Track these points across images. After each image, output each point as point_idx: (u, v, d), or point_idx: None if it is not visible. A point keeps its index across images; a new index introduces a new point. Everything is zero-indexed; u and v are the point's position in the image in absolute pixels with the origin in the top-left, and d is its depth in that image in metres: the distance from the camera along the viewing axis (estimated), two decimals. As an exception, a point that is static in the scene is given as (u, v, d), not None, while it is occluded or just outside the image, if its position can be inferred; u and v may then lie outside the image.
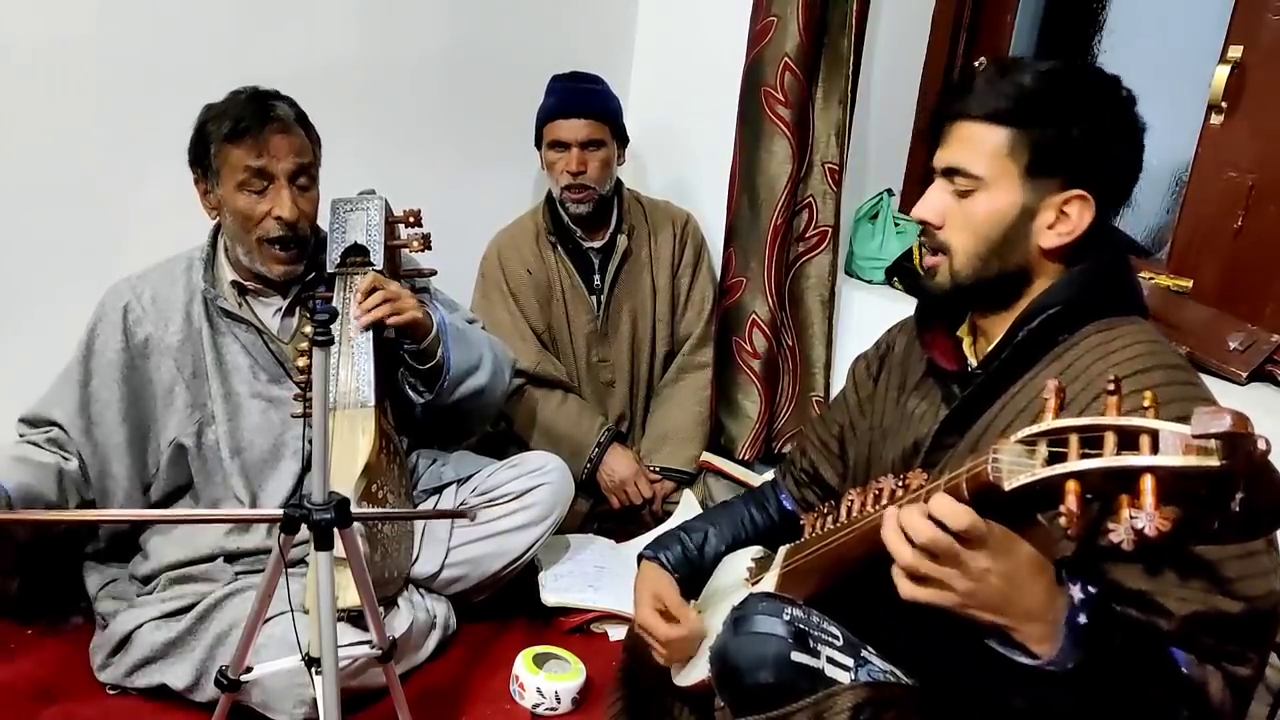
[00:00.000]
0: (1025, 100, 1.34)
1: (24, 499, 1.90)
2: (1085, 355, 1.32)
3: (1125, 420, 0.92)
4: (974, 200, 1.39)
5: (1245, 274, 2.31)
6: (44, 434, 2.07)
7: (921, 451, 1.47)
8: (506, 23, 2.92)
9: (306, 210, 2.07)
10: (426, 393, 2.18)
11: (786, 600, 1.39)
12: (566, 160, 2.65)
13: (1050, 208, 1.37)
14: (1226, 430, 0.83)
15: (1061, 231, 1.37)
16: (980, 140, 1.37)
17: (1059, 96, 1.34)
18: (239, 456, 2.13)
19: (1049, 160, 1.35)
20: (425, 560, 2.22)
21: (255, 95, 2.04)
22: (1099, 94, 1.35)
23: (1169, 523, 0.87)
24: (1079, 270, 1.39)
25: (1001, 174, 1.37)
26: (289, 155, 2.01)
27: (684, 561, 1.76)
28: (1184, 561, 1.19)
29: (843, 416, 1.75)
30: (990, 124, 1.36)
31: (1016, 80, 1.36)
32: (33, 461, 2.00)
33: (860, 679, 1.33)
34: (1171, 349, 1.34)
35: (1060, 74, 1.36)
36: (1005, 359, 1.38)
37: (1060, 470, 0.94)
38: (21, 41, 2.21)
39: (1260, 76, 2.25)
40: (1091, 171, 1.35)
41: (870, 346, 1.76)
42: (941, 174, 1.43)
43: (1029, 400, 1.35)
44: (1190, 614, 1.19)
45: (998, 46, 2.76)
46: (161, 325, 2.11)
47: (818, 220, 2.69)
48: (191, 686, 1.98)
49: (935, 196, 1.43)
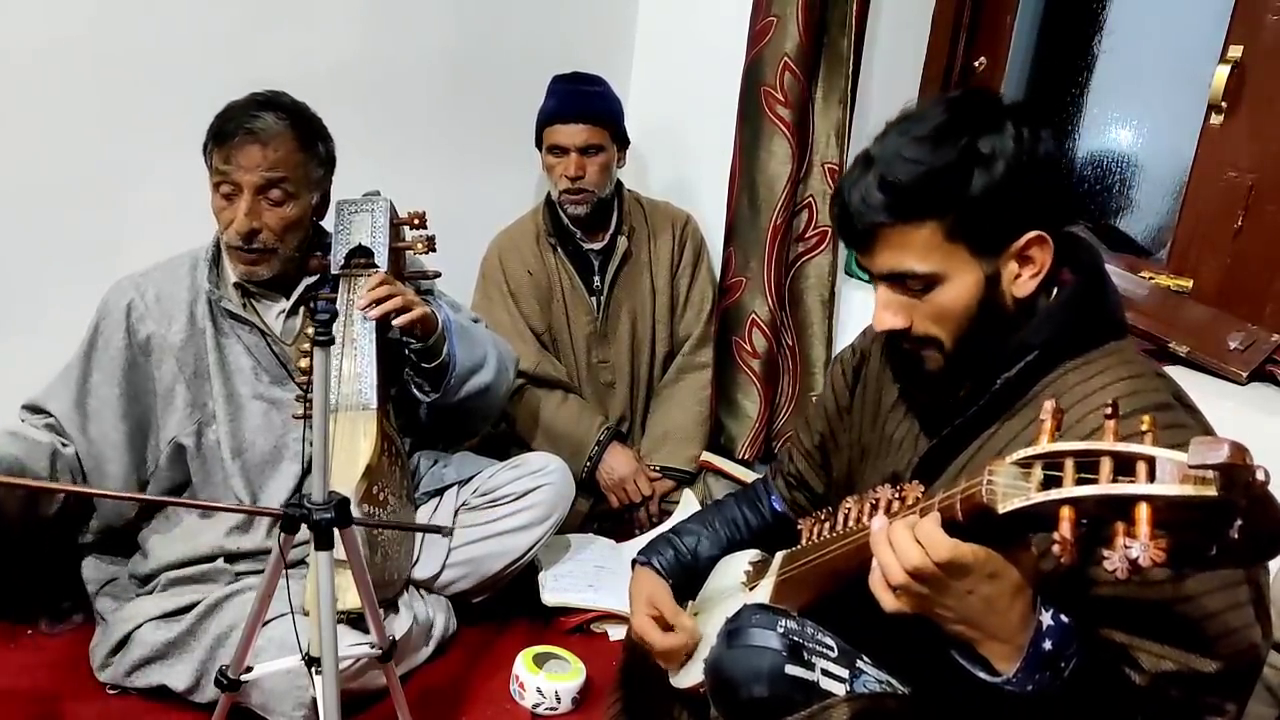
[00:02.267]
0: (933, 179, 1.25)
1: (9, 470, 1.89)
2: (1063, 396, 1.27)
3: (1123, 446, 0.91)
4: (936, 294, 1.30)
5: (1245, 274, 2.30)
6: (43, 420, 2.08)
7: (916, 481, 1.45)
8: (507, 23, 2.91)
9: (270, 223, 2.03)
10: (432, 392, 2.18)
11: (780, 612, 1.39)
12: (565, 165, 2.65)
13: (1010, 260, 1.29)
14: (1224, 461, 0.82)
15: (1031, 274, 1.30)
16: (910, 240, 1.28)
17: (964, 155, 1.24)
18: (240, 457, 2.13)
19: (991, 226, 1.27)
20: (425, 562, 2.23)
21: (254, 102, 2.02)
22: (997, 129, 1.25)
23: (1163, 552, 0.87)
24: (1055, 306, 1.33)
25: (952, 260, 1.28)
26: (257, 168, 1.98)
27: (677, 566, 1.76)
28: (1164, 617, 1.17)
29: (823, 424, 1.73)
30: (910, 222, 1.27)
31: (910, 158, 1.25)
32: (27, 438, 2.01)
33: (855, 690, 1.33)
34: (1155, 383, 1.28)
35: (951, 126, 1.26)
36: (983, 405, 1.34)
37: (1055, 496, 0.93)
38: (22, 41, 2.21)
39: (1260, 76, 2.24)
40: (1034, 211, 1.28)
41: (846, 348, 1.71)
42: (884, 280, 1.34)
43: (1007, 441, 1.31)
44: (1161, 672, 1.17)
45: (998, 46, 2.75)
46: (165, 324, 2.10)
47: (817, 220, 2.69)
48: (191, 687, 1.98)
49: (892, 303, 1.34)
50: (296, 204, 2.05)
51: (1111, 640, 1.20)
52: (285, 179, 2.02)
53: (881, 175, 1.27)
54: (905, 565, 1.10)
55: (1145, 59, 2.54)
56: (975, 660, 1.15)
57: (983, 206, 1.25)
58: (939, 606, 1.11)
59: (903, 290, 1.32)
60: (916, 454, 1.44)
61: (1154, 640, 1.18)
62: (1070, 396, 1.27)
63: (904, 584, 1.11)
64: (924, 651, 1.30)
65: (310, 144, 2.06)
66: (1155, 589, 1.16)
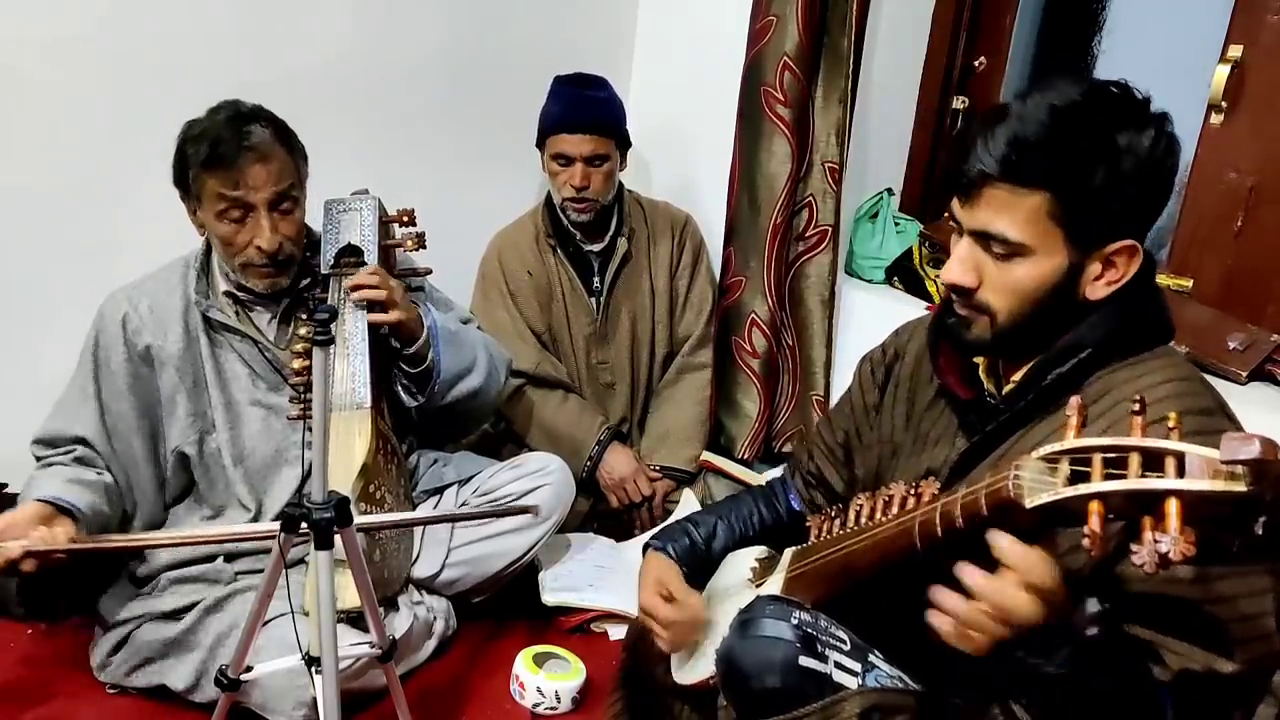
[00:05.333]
0: (1062, 153, 1.23)
1: (94, 520, 1.93)
2: (1111, 394, 1.28)
3: (1151, 441, 0.91)
4: (1015, 265, 1.29)
5: (1245, 274, 2.32)
6: (67, 453, 2.04)
7: (934, 478, 1.45)
8: (505, 22, 2.90)
9: (289, 233, 2.03)
10: (419, 395, 2.17)
11: (794, 604, 1.39)
12: (570, 174, 2.62)
13: (1097, 260, 1.29)
14: (1256, 457, 0.82)
15: (1110, 280, 1.30)
16: (1015, 205, 1.26)
17: (1099, 141, 1.22)
18: (241, 464, 2.13)
19: (1097, 220, 1.25)
20: (425, 561, 2.22)
21: (233, 118, 1.97)
22: (1137, 127, 1.23)
23: (1193, 547, 0.87)
24: (1112, 309, 1.31)
25: (1045, 238, 1.27)
26: (267, 184, 1.97)
27: (690, 555, 1.74)
28: (1193, 617, 1.17)
29: (848, 423, 1.72)
30: (1024, 187, 1.25)
31: (1047, 125, 1.23)
32: (86, 482, 1.98)
33: (867, 684, 1.33)
34: (1202, 387, 1.29)
35: (1093, 110, 1.23)
36: (1030, 400, 1.34)
37: (1084, 490, 0.93)
38: (22, 40, 2.20)
39: (1260, 76, 2.26)
40: (1138, 219, 1.28)
41: (876, 348, 1.71)
42: (972, 235, 1.32)
43: (1046, 436, 1.29)
44: (1184, 669, 1.17)
45: (998, 47, 2.77)
46: (161, 335, 2.09)
47: (818, 220, 2.69)
48: (191, 686, 1.97)
49: (967, 257, 1.33)
50: (300, 207, 2.07)
51: (1137, 636, 1.20)
52: (292, 186, 2.03)
53: (1014, 132, 1.25)
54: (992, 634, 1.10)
55: (1145, 59, 2.55)
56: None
57: (1096, 198, 1.24)
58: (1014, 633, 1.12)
59: (985, 250, 1.31)
60: (955, 451, 1.44)
61: (1179, 639, 1.18)
62: (1117, 394, 1.28)
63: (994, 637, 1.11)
64: (936, 648, 1.30)
65: (293, 145, 2.06)
66: (1185, 588, 1.17)
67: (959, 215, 1.33)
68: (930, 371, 1.52)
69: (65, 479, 1.95)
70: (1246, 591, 1.17)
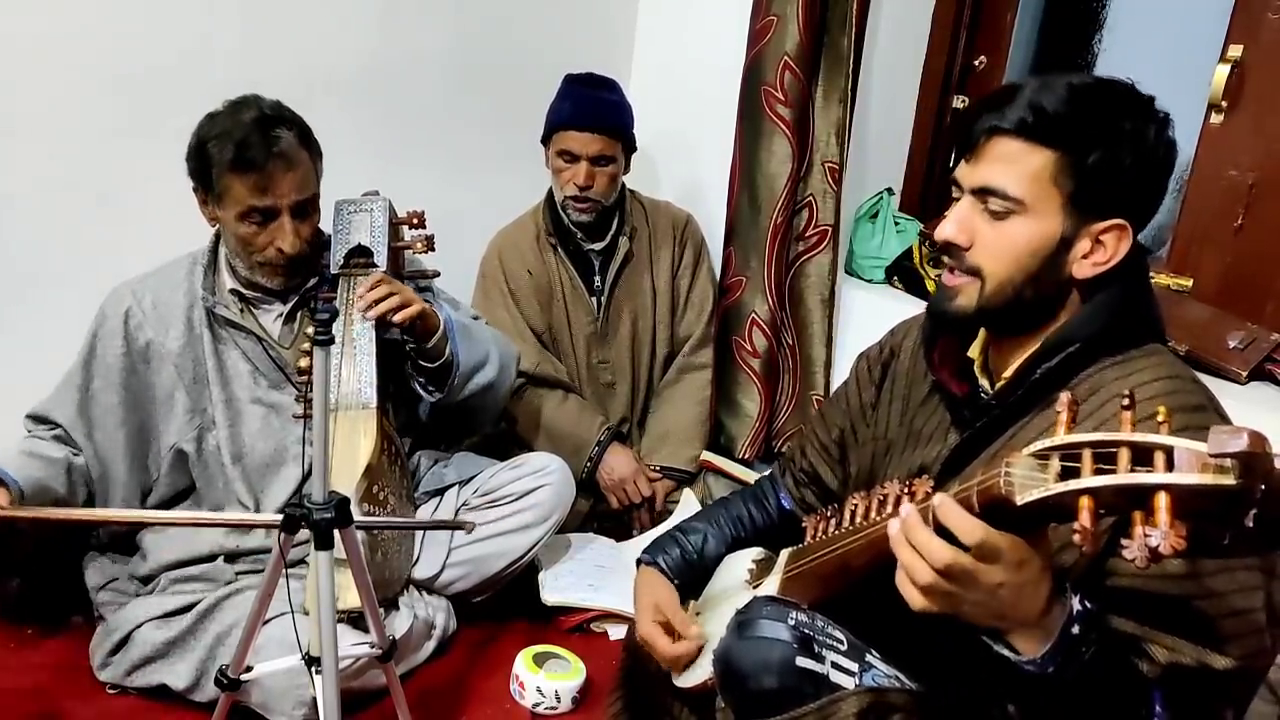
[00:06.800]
0: (1075, 120, 1.25)
1: (35, 493, 1.91)
2: (1101, 391, 1.28)
3: (1140, 436, 0.91)
4: (1010, 224, 1.30)
5: (1245, 273, 2.32)
6: (50, 431, 2.08)
7: (926, 475, 1.45)
8: (507, 23, 2.91)
9: (307, 236, 2.05)
10: (437, 391, 2.17)
11: (791, 604, 1.38)
12: (574, 173, 2.62)
13: (1087, 236, 1.30)
14: (1244, 450, 0.82)
15: (1097, 261, 1.31)
16: (1021, 160, 1.28)
17: (1109, 119, 1.26)
18: (240, 462, 2.13)
19: (1095, 190, 1.27)
20: (426, 562, 2.22)
21: (260, 120, 1.95)
22: (1144, 118, 1.27)
23: (1184, 540, 0.87)
24: (1101, 302, 1.32)
25: (1043, 199, 1.28)
26: (293, 191, 1.98)
27: (683, 565, 1.75)
28: (1183, 612, 1.17)
29: (843, 419, 1.72)
30: (1033, 143, 1.27)
31: (1064, 96, 1.26)
32: (42, 456, 2.01)
33: (864, 684, 1.33)
34: (1192, 384, 1.29)
35: (1106, 93, 1.28)
36: (1021, 395, 1.34)
37: (1074, 486, 0.93)
38: (22, 39, 2.20)
39: (1260, 76, 2.26)
40: (1132, 202, 1.29)
41: (874, 346, 1.71)
42: (971, 192, 1.33)
43: (1034, 435, 1.30)
44: (1175, 665, 1.18)
45: (998, 46, 2.77)
46: (162, 331, 2.10)
47: (818, 219, 2.69)
48: (191, 686, 1.97)
49: (964, 215, 1.34)
50: (318, 210, 2.08)
51: (1124, 631, 1.20)
52: (314, 192, 2.04)
53: (1030, 97, 1.28)
54: (936, 565, 1.09)
55: (1145, 58, 2.55)
56: (1002, 643, 1.15)
57: (1101, 166, 1.26)
58: (968, 604, 1.11)
59: (982, 208, 1.32)
60: (947, 447, 1.44)
61: (1170, 633, 1.18)
62: (1106, 393, 1.28)
63: (932, 582, 1.10)
64: (932, 647, 1.30)
65: (313, 148, 2.06)
66: (1176, 583, 1.17)
67: (961, 175, 1.35)
68: (925, 368, 1.53)
69: (20, 450, 1.99)
70: (1238, 586, 1.18)
